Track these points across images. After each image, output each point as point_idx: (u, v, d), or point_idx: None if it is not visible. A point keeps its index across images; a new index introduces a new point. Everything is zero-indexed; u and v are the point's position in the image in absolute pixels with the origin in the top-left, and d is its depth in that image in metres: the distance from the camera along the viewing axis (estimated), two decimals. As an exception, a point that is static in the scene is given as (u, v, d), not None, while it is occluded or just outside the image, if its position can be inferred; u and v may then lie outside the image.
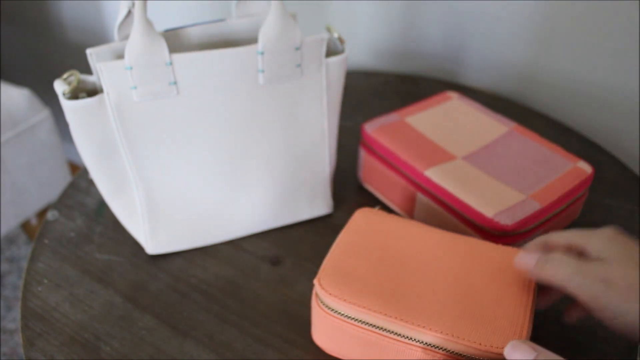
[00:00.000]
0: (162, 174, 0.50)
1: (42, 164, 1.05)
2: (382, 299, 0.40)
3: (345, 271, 0.42)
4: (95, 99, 0.46)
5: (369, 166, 0.60)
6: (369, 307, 0.40)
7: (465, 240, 0.46)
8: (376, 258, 0.44)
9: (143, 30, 0.44)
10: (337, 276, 0.42)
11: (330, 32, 0.51)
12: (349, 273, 0.42)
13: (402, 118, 0.60)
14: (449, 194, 0.52)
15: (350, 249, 0.44)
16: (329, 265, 0.43)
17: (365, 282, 0.42)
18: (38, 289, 0.52)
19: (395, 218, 0.48)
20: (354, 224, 0.47)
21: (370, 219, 0.47)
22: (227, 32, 0.52)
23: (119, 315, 0.49)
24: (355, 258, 0.44)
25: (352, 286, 0.41)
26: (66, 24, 1.27)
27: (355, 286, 0.41)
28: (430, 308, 0.40)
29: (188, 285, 0.52)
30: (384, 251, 0.44)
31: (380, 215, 0.48)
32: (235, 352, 0.46)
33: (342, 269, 0.43)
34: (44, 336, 0.48)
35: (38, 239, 0.57)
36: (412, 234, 0.46)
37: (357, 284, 0.41)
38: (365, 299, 0.40)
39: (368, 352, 0.42)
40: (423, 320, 0.39)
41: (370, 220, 0.47)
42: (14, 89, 1.01)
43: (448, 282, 0.42)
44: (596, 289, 0.36)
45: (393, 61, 0.88)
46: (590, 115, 0.75)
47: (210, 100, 0.48)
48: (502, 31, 0.76)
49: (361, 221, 0.47)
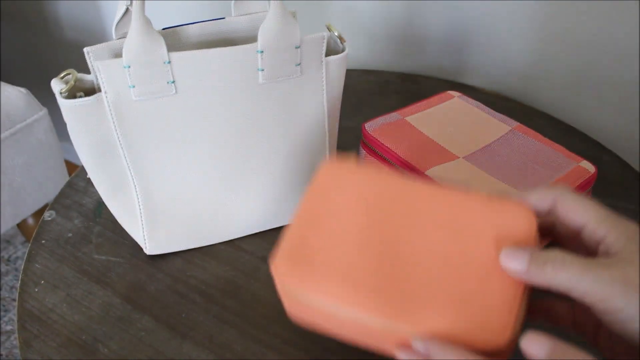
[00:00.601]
0: (160, 173, 0.50)
1: (39, 163, 1.05)
2: (352, 284, 0.33)
3: (308, 247, 0.35)
4: (93, 98, 0.45)
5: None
6: (335, 296, 0.33)
7: (458, 197, 0.36)
8: (342, 227, 0.36)
9: (141, 29, 0.43)
10: (298, 255, 0.35)
11: (330, 31, 0.50)
12: (312, 250, 0.35)
13: (403, 117, 0.60)
14: (451, 194, 0.51)
15: (315, 217, 0.36)
16: (288, 241, 0.35)
17: (332, 261, 0.34)
18: (35, 289, 0.51)
19: (370, 172, 0.38)
20: (319, 184, 0.38)
21: (339, 176, 0.38)
22: (226, 30, 0.51)
23: (117, 317, 0.49)
24: (317, 228, 0.36)
25: (315, 268, 0.34)
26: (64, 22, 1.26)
27: (319, 268, 0.34)
28: (410, 295, 0.33)
29: (187, 285, 0.52)
30: (356, 218, 0.36)
31: (352, 169, 0.38)
32: (235, 353, 0.46)
33: (300, 242, 0.35)
34: (41, 338, 0.47)
35: (35, 240, 0.56)
36: (392, 193, 0.37)
37: (321, 264, 0.34)
38: (331, 285, 0.33)
39: (344, 329, 0.36)
40: (398, 312, 0.32)
41: (340, 178, 0.38)
42: (11, 88, 1.01)
43: (433, 259, 0.34)
44: (611, 291, 0.31)
45: (394, 60, 0.87)
46: (594, 115, 0.75)
47: (209, 99, 0.48)
48: (504, 30, 0.76)
49: (328, 180, 0.38)
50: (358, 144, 0.68)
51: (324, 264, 0.34)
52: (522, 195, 0.35)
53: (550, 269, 0.32)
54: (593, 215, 0.33)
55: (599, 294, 0.31)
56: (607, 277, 0.31)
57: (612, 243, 0.32)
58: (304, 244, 0.35)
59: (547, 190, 0.35)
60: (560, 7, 0.70)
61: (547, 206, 0.35)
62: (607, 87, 0.72)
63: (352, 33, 0.87)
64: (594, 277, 0.31)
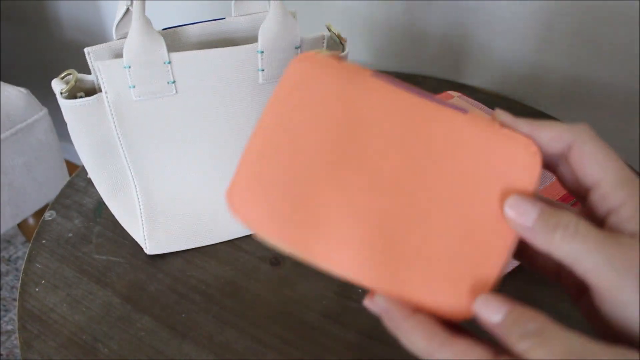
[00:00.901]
0: (161, 173, 0.50)
1: (39, 163, 1.05)
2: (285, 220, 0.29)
3: (262, 174, 0.30)
4: (93, 98, 0.45)
5: None
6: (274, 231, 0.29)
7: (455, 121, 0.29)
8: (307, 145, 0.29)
9: (141, 29, 0.43)
10: (252, 182, 0.30)
11: (330, 31, 0.50)
12: (265, 177, 0.30)
13: None
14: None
15: (277, 132, 0.30)
16: (244, 165, 0.30)
17: (274, 189, 0.29)
18: (35, 289, 0.51)
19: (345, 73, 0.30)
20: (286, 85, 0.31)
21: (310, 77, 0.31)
22: (227, 30, 0.51)
23: (118, 316, 0.49)
24: (277, 148, 0.30)
25: (265, 199, 0.29)
26: (64, 22, 1.26)
27: (268, 199, 0.29)
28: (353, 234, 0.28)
29: (187, 285, 0.52)
30: (313, 135, 0.30)
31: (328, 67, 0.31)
32: (235, 353, 0.46)
33: (259, 171, 0.30)
34: (41, 337, 0.47)
35: (35, 239, 0.56)
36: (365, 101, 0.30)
37: (270, 194, 0.29)
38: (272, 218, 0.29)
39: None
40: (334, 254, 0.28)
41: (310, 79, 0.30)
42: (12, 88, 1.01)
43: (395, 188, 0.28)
44: (621, 282, 0.25)
45: (394, 60, 0.87)
46: (593, 115, 0.75)
47: (210, 100, 0.48)
48: (504, 30, 0.76)
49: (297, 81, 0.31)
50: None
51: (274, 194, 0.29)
52: (533, 128, 0.28)
53: (559, 236, 0.26)
54: (611, 174, 0.27)
55: (606, 280, 0.25)
56: (621, 265, 0.25)
57: (628, 218, 0.26)
58: (258, 171, 0.30)
59: (563, 129, 0.28)
60: (560, 7, 0.70)
61: (560, 148, 0.28)
62: (607, 87, 0.72)
63: (352, 33, 0.87)
64: (606, 259, 0.25)
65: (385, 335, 0.47)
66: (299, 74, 0.31)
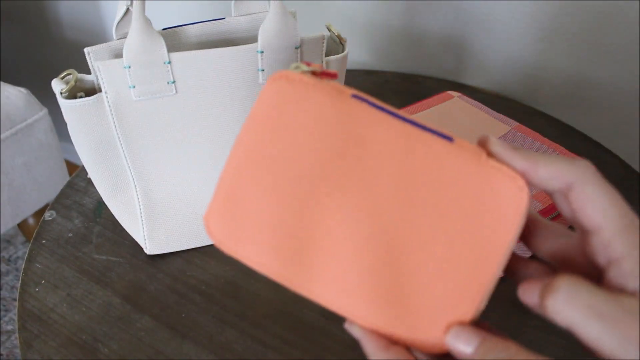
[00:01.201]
0: (160, 173, 0.50)
1: (39, 163, 1.05)
2: (276, 250, 0.29)
3: (240, 200, 0.29)
4: (93, 98, 0.45)
5: None
6: (260, 264, 0.29)
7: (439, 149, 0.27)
8: (286, 173, 0.29)
9: (141, 29, 0.43)
10: (229, 209, 0.29)
11: (330, 31, 0.50)
12: (243, 203, 0.29)
13: None
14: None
15: (255, 154, 0.29)
16: (222, 189, 0.30)
17: (261, 219, 0.29)
18: (35, 289, 0.51)
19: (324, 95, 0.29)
20: (262, 107, 0.29)
21: (288, 98, 0.29)
22: (227, 30, 0.51)
23: (118, 316, 0.49)
24: (256, 173, 0.29)
25: (244, 227, 0.29)
26: (64, 23, 1.26)
27: (247, 227, 0.29)
28: (336, 270, 0.28)
29: (187, 285, 0.52)
30: (291, 162, 0.29)
31: (306, 87, 0.29)
32: (235, 353, 0.46)
33: (237, 196, 0.29)
34: (41, 337, 0.47)
35: (35, 239, 0.56)
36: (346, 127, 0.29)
37: (250, 222, 0.29)
38: (256, 250, 0.29)
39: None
40: (322, 290, 0.28)
41: (288, 101, 0.29)
42: (12, 88, 1.01)
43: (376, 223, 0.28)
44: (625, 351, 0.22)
45: (394, 60, 0.87)
46: (594, 115, 0.75)
47: (209, 100, 0.48)
48: (504, 30, 0.76)
49: (275, 102, 0.29)
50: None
51: (250, 223, 0.29)
52: (529, 163, 0.26)
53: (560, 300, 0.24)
54: (613, 221, 0.25)
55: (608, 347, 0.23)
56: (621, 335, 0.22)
57: (629, 273, 0.24)
58: (235, 196, 0.29)
59: (563, 167, 0.26)
60: (560, 7, 0.70)
61: (559, 187, 0.26)
62: (607, 87, 0.72)
63: (352, 33, 0.87)
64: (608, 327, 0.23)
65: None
66: (276, 95, 0.29)
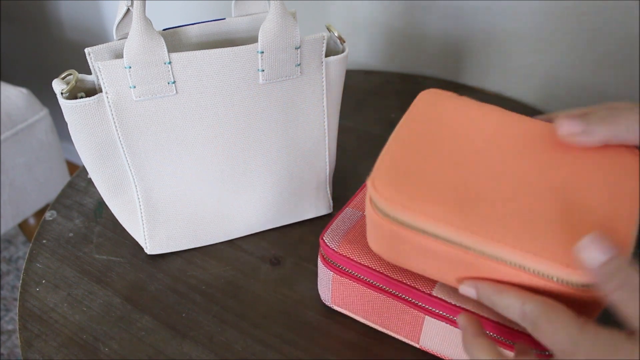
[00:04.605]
0: (161, 173, 0.50)
1: (40, 163, 1.05)
2: (450, 204, 0.33)
3: (406, 169, 0.35)
4: (94, 99, 0.45)
5: (343, 290, 0.45)
6: (433, 216, 0.32)
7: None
8: (445, 153, 0.36)
9: (142, 29, 0.43)
10: (396, 175, 0.34)
11: (330, 31, 0.51)
12: (410, 171, 0.34)
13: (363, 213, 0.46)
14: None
15: (412, 141, 0.36)
16: (385, 162, 0.35)
17: (430, 183, 0.34)
18: (36, 289, 0.51)
19: (469, 102, 0.40)
20: (416, 109, 0.38)
21: (437, 103, 0.39)
22: (227, 31, 0.51)
23: (118, 316, 0.49)
24: (418, 153, 0.35)
25: (414, 188, 0.34)
26: (65, 23, 1.26)
27: (417, 188, 0.34)
28: (511, 217, 0.32)
29: (187, 285, 0.52)
30: (454, 144, 0.36)
31: (450, 98, 0.40)
32: (235, 353, 0.46)
33: (402, 167, 0.35)
34: (42, 337, 0.47)
35: (36, 239, 0.57)
36: (492, 123, 0.38)
37: (419, 185, 0.34)
38: (429, 205, 0.33)
39: (433, 264, 0.35)
40: (499, 233, 0.32)
41: (438, 104, 0.39)
42: (12, 89, 1.01)
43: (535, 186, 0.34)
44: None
45: (394, 60, 0.87)
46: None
47: (210, 100, 0.48)
48: (504, 30, 0.76)
49: (426, 105, 0.39)
50: (358, 143, 0.68)
51: (420, 185, 0.34)
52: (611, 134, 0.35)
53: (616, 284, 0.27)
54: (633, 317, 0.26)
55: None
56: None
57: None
58: (400, 167, 0.35)
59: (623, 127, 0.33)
60: (561, 7, 0.70)
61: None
62: (608, 87, 0.72)
63: (352, 33, 0.87)
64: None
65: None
66: (428, 98, 0.39)
